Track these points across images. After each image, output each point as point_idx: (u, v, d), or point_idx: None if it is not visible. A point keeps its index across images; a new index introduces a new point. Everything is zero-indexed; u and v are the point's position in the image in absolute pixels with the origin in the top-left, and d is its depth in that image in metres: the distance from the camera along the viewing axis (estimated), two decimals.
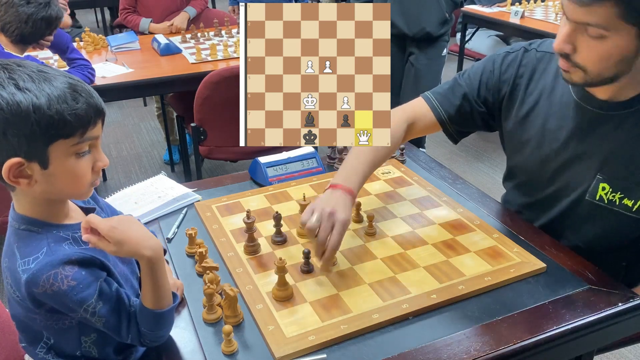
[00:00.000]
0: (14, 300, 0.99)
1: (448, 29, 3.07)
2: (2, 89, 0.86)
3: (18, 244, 0.94)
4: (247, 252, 1.27)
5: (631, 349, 2.14)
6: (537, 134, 1.35)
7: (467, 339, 1.03)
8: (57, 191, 0.94)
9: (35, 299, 0.93)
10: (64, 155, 0.91)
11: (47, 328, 1.01)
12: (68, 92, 0.89)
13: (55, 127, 0.88)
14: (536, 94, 1.35)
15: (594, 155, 1.26)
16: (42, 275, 0.90)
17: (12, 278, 0.95)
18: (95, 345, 1.04)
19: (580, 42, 1.11)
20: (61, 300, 0.92)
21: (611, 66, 1.11)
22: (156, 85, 2.66)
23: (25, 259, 0.92)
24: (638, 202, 1.21)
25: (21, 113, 0.85)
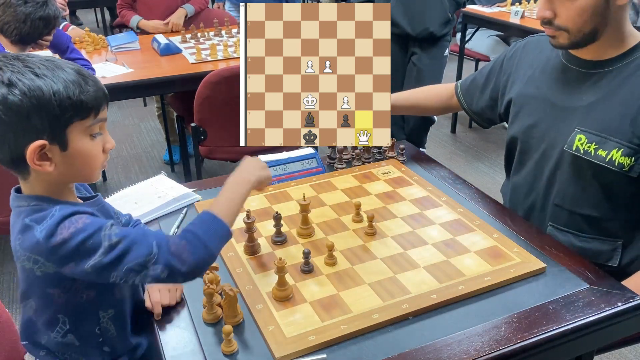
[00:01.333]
0: (32, 280, 1.00)
1: (450, 29, 3.08)
2: (22, 76, 0.92)
3: (30, 217, 0.97)
4: (247, 252, 1.27)
5: (631, 349, 2.14)
6: (530, 100, 1.49)
7: (467, 339, 1.03)
8: (74, 173, 1.00)
9: (56, 255, 0.93)
10: (80, 137, 0.97)
11: (65, 307, 1.03)
12: (79, 77, 0.96)
13: (74, 109, 0.94)
14: (529, 69, 1.52)
15: (575, 110, 1.38)
16: (59, 224, 0.94)
17: (29, 249, 0.96)
18: (112, 322, 1.07)
19: (558, 6, 1.30)
20: (80, 239, 0.93)
21: (588, 20, 1.28)
22: (156, 85, 2.66)
23: (42, 222, 0.95)
24: (611, 153, 1.31)
25: (43, 97, 0.91)
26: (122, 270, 0.94)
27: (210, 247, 1.00)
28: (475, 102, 1.70)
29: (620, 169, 1.30)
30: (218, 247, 1.02)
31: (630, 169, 1.30)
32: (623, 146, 1.29)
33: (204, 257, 0.99)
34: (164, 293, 1.13)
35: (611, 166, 1.31)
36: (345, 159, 1.69)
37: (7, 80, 0.91)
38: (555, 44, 1.36)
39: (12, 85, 0.91)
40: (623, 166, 1.30)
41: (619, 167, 1.30)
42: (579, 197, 1.41)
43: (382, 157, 1.71)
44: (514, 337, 1.03)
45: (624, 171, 1.30)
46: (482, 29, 3.97)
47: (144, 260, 0.95)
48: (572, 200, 1.42)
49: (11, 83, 0.91)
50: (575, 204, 1.42)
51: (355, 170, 1.63)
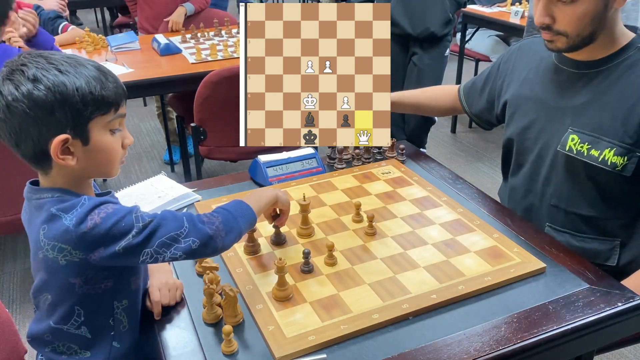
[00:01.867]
0: (55, 270, 1.00)
1: (451, 29, 3.08)
2: (47, 72, 0.95)
3: (57, 207, 0.98)
4: (247, 252, 1.27)
5: (631, 349, 2.14)
6: (524, 101, 1.50)
7: (467, 339, 1.03)
8: (94, 167, 1.03)
9: (86, 241, 0.96)
10: (101, 132, 1.00)
11: (84, 297, 1.04)
12: (100, 73, 0.99)
13: (95, 104, 0.97)
14: (525, 70, 1.53)
15: (568, 110, 1.39)
16: (90, 212, 0.96)
17: (56, 238, 0.97)
18: (125, 313, 1.09)
19: (556, 11, 1.28)
20: (112, 222, 0.96)
21: (587, 25, 1.27)
22: (156, 85, 2.65)
23: (71, 211, 0.97)
24: (603, 153, 1.31)
25: (67, 92, 0.94)
26: (154, 245, 0.98)
27: (240, 223, 1.08)
28: (474, 104, 1.71)
29: (613, 168, 1.30)
30: (246, 227, 1.10)
31: (624, 168, 1.30)
32: (615, 146, 1.30)
33: (235, 230, 1.06)
34: (164, 292, 1.13)
35: (604, 166, 1.31)
36: (345, 159, 1.69)
37: (32, 76, 0.94)
38: (553, 48, 1.35)
39: (37, 80, 0.94)
40: (616, 165, 1.30)
41: (612, 167, 1.30)
42: (575, 197, 1.41)
43: (382, 157, 1.71)
44: (514, 337, 1.03)
45: (617, 170, 1.30)
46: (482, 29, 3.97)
47: (176, 233, 1.00)
48: (568, 201, 1.43)
49: (36, 79, 0.94)
50: (572, 204, 1.42)
51: (355, 170, 1.63)
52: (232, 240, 1.06)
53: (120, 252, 0.96)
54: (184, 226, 1.01)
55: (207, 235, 1.01)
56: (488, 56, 3.99)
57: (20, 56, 0.98)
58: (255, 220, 1.13)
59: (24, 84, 0.94)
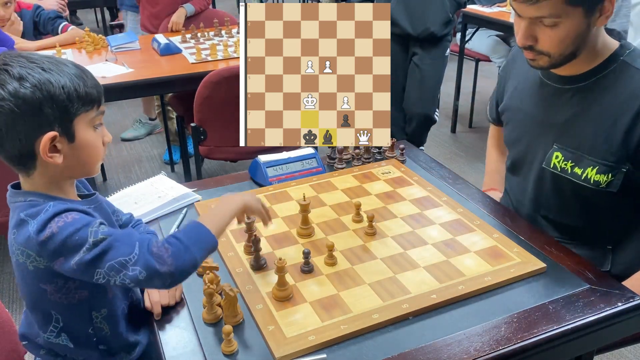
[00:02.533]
0: (26, 274, 1.01)
1: (451, 29, 3.08)
2: (32, 70, 0.96)
3: (26, 212, 0.98)
4: (247, 252, 1.27)
5: (631, 349, 2.14)
6: (515, 114, 1.50)
7: (467, 339, 1.03)
8: (79, 165, 1.03)
9: (46, 249, 0.95)
10: (85, 128, 1.01)
11: (58, 305, 1.03)
12: (80, 72, 1.01)
13: (80, 100, 0.99)
14: (516, 81, 1.52)
15: (552, 125, 1.38)
16: (50, 220, 0.96)
17: (22, 243, 0.97)
18: (106, 321, 1.07)
19: (539, 33, 1.25)
20: (66, 234, 0.94)
21: (570, 45, 1.25)
22: (156, 85, 2.65)
23: (36, 217, 0.97)
24: (586, 171, 1.31)
25: (53, 90, 0.96)
26: (104, 267, 0.94)
27: (194, 253, 0.98)
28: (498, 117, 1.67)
29: (597, 186, 1.29)
30: (202, 255, 1.01)
31: (609, 184, 1.28)
32: (598, 164, 1.28)
33: (186, 262, 0.97)
34: (164, 293, 1.13)
35: (587, 184, 1.30)
36: (345, 159, 1.69)
37: (18, 74, 0.94)
38: (535, 66, 1.33)
39: (23, 79, 0.94)
40: (599, 183, 1.29)
41: (595, 185, 1.29)
42: (563, 210, 1.41)
43: (382, 157, 1.71)
44: (514, 337, 1.03)
45: (602, 188, 1.29)
46: (482, 29, 3.97)
47: (125, 259, 0.94)
48: (557, 213, 1.43)
49: (22, 77, 0.94)
50: (561, 216, 1.42)
51: (355, 170, 1.63)
52: (184, 271, 0.98)
53: (75, 268, 0.94)
54: (134, 252, 0.95)
55: (153, 269, 0.94)
56: (488, 56, 3.98)
57: (0, 56, 0.98)
58: (215, 244, 1.03)
59: (9, 83, 0.94)
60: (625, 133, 1.25)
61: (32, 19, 3.17)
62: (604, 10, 1.21)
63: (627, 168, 1.27)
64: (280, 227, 1.36)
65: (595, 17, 1.22)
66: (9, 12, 2.88)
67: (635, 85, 1.26)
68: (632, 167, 1.27)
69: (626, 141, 1.25)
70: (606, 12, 1.21)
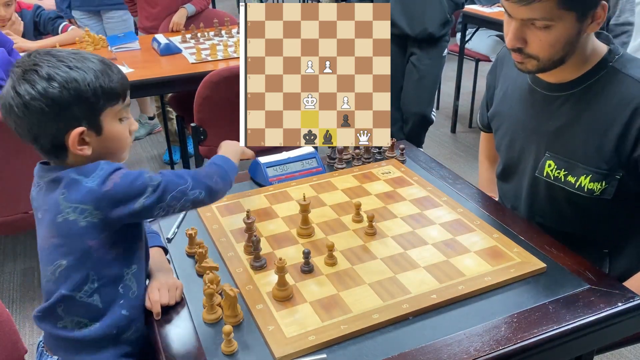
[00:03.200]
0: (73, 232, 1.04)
1: (449, 29, 3.08)
2: (59, 70, 1.01)
3: (76, 171, 1.04)
4: (247, 252, 1.27)
5: (631, 349, 2.14)
6: (505, 120, 1.49)
7: (467, 339, 1.03)
8: (107, 154, 1.09)
9: (108, 199, 1.02)
10: (112, 121, 1.08)
11: (98, 262, 1.07)
12: (105, 66, 1.06)
13: (106, 96, 1.05)
14: (505, 85, 1.51)
15: (543, 133, 1.37)
16: (110, 174, 1.03)
17: (77, 199, 1.03)
18: (135, 278, 1.12)
19: (530, 35, 1.23)
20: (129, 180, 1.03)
21: (559, 50, 1.23)
22: (156, 85, 2.65)
23: (91, 174, 1.03)
24: (579, 179, 1.30)
25: (80, 87, 1.01)
26: (166, 199, 1.06)
27: (231, 176, 1.22)
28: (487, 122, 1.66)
29: (590, 194, 1.29)
30: (234, 177, 1.23)
31: (603, 192, 1.28)
32: (591, 172, 1.28)
33: (227, 183, 1.20)
34: (163, 292, 1.13)
35: (581, 192, 1.30)
36: (345, 159, 1.69)
37: (46, 74, 1.00)
38: (523, 69, 1.31)
39: (51, 79, 1.00)
40: (593, 192, 1.28)
41: (589, 193, 1.29)
42: (558, 217, 1.41)
43: (382, 157, 1.71)
44: (514, 337, 1.03)
45: (596, 196, 1.29)
46: (482, 29, 3.97)
47: (182, 187, 1.09)
48: (552, 220, 1.43)
49: (50, 77, 1.00)
50: (556, 223, 1.42)
51: (355, 170, 1.63)
52: (227, 189, 1.19)
53: (137, 209, 1.03)
54: (188, 181, 1.10)
55: (209, 187, 1.13)
56: (488, 56, 3.98)
57: (30, 56, 1.04)
58: (237, 171, 1.26)
59: (39, 83, 1.00)
60: (618, 140, 1.25)
61: (33, 19, 3.17)
62: (596, 17, 1.20)
63: (621, 175, 1.26)
64: (280, 227, 1.36)
65: (587, 23, 1.21)
66: (9, 12, 2.88)
67: (626, 91, 1.25)
68: (625, 173, 1.26)
69: (619, 148, 1.25)
70: (598, 18, 1.20)
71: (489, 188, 1.74)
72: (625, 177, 1.27)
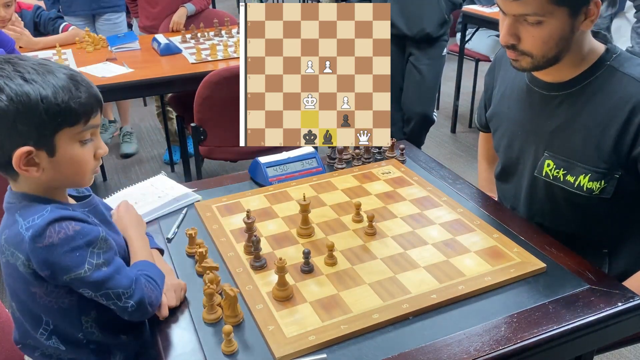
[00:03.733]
0: (16, 275, 0.99)
1: (447, 29, 3.07)
2: (10, 81, 0.91)
3: (20, 212, 0.96)
4: (247, 252, 1.27)
5: (631, 349, 2.14)
6: (503, 120, 1.49)
7: (467, 339, 1.03)
8: (63, 178, 0.99)
9: (39, 257, 0.93)
10: (69, 143, 0.96)
11: (47, 309, 1.02)
12: (71, 82, 0.95)
13: (62, 115, 0.93)
14: (503, 85, 1.51)
15: (541, 133, 1.37)
16: (49, 227, 0.93)
17: (14, 245, 0.95)
18: (96, 324, 1.06)
19: (522, 31, 1.23)
20: (67, 249, 0.93)
21: (553, 47, 1.23)
22: (156, 85, 2.65)
23: (29, 218, 0.94)
24: (578, 179, 1.30)
25: (30, 103, 0.90)
26: (99, 291, 0.98)
27: (161, 288, 1.08)
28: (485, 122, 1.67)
29: (589, 193, 1.29)
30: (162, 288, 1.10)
31: (602, 191, 1.28)
32: (590, 171, 1.28)
33: (158, 301, 1.06)
34: (170, 295, 1.12)
35: (580, 192, 1.30)
36: (345, 159, 1.69)
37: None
38: (518, 67, 1.31)
39: (0, 90, 0.90)
40: (592, 191, 1.28)
41: (589, 192, 1.29)
42: (557, 217, 1.41)
43: (382, 157, 1.71)
44: (514, 337, 1.03)
45: (595, 195, 1.29)
46: (482, 29, 3.97)
47: (122, 291, 0.99)
48: (551, 220, 1.43)
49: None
50: (555, 223, 1.42)
51: (355, 170, 1.63)
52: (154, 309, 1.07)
53: (67, 281, 0.96)
54: (131, 286, 1.00)
55: (143, 305, 1.02)
56: (488, 56, 3.98)
57: None
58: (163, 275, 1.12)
59: None
60: (616, 139, 1.25)
61: (33, 20, 3.17)
62: (589, 14, 1.20)
63: (620, 174, 1.26)
64: (280, 227, 1.36)
65: (580, 20, 1.21)
66: (9, 13, 2.88)
67: (624, 89, 1.25)
68: (624, 172, 1.26)
69: (617, 147, 1.25)
70: (591, 15, 1.20)
71: (488, 188, 1.74)
72: (624, 176, 1.27)
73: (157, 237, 1.32)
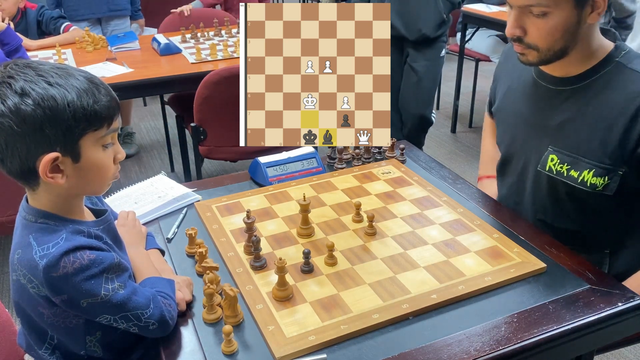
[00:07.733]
0: (25, 294, 0.98)
1: (446, 29, 3.06)
2: (35, 85, 0.88)
3: (35, 235, 0.95)
4: (247, 252, 1.27)
5: (631, 349, 2.14)
6: (508, 115, 1.50)
7: (467, 339, 1.03)
8: (84, 184, 0.98)
9: (53, 285, 0.92)
10: (93, 148, 0.95)
11: (54, 326, 1.01)
12: (92, 85, 0.93)
13: (87, 119, 0.91)
14: (509, 80, 1.51)
15: (546, 128, 1.37)
16: (63, 257, 0.91)
17: (27, 268, 0.94)
18: (99, 344, 1.06)
19: (528, 23, 1.24)
20: (83, 275, 0.92)
21: (559, 39, 1.23)
22: (156, 85, 2.66)
23: (44, 245, 0.93)
24: (582, 174, 1.29)
25: (57, 107, 0.88)
26: (119, 314, 0.97)
27: (174, 299, 1.08)
28: None
29: (593, 189, 1.29)
30: None
31: (605, 187, 1.28)
32: (594, 167, 1.27)
33: (176, 310, 1.07)
34: (185, 290, 1.13)
35: (584, 187, 1.30)
36: (345, 159, 1.69)
37: (20, 89, 0.88)
38: (524, 61, 1.31)
39: (25, 94, 0.88)
40: (596, 186, 1.28)
41: (592, 188, 1.29)
42: (559, 213, 1.41)
43: (382, 157, 1.71)
44: (514, 337, 1.03)
45: (598, 191, 1.28)
46: (482, 29, 3.97)
47: (142, 311, 0.99)
48: (553, 216, 1.42)
49: (24, 92, 0.88)
50: (557, 220, 1.42)
51: (355, 170, 1.63)
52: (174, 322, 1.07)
53: (84, 307, 0.95)
54: (150, 305, 0.99)
55: (165, 322, 1.02)
56: (488, 56, 3.98)
57: (6, 67, 0.92)
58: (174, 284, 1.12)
59: (10, 98, 0.87)
60: (622, 135, 1.25)
61: (36, 18, 3.18)
62: (595, 6, 1.20)
63: (624, 171, 1.26)
64: (280, 227, 1.36)
65: (586, 11, 1.21)
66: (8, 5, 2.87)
67: (631, 86, 1.25)
68: (628, 169, 1.26)
69: (622, 143, 1.25)
70: (598, 7, 1.20)
71: (490, 166, 1.71)
72: (628, 173, 1.27)
73: (157, 237, 1.32)
